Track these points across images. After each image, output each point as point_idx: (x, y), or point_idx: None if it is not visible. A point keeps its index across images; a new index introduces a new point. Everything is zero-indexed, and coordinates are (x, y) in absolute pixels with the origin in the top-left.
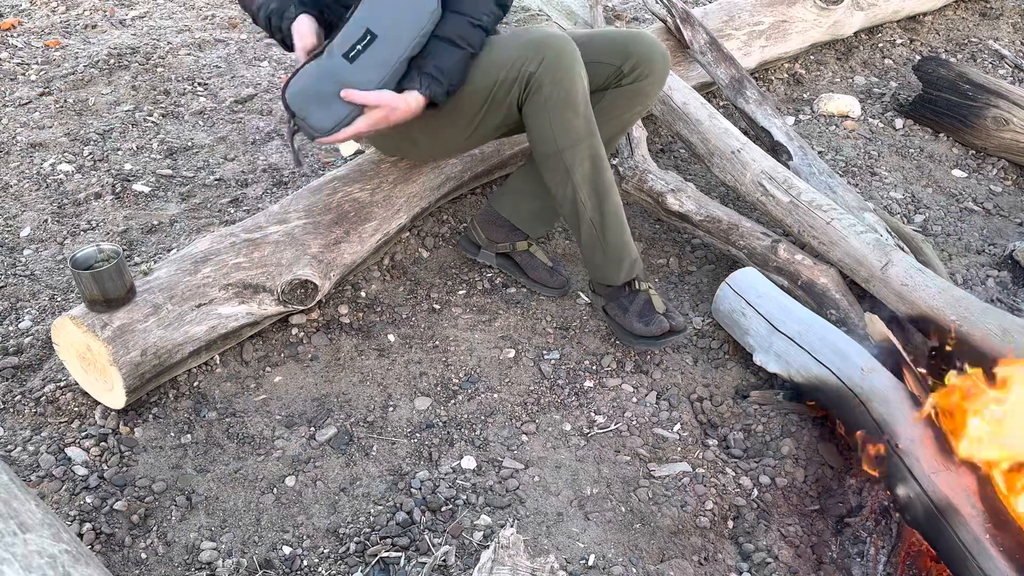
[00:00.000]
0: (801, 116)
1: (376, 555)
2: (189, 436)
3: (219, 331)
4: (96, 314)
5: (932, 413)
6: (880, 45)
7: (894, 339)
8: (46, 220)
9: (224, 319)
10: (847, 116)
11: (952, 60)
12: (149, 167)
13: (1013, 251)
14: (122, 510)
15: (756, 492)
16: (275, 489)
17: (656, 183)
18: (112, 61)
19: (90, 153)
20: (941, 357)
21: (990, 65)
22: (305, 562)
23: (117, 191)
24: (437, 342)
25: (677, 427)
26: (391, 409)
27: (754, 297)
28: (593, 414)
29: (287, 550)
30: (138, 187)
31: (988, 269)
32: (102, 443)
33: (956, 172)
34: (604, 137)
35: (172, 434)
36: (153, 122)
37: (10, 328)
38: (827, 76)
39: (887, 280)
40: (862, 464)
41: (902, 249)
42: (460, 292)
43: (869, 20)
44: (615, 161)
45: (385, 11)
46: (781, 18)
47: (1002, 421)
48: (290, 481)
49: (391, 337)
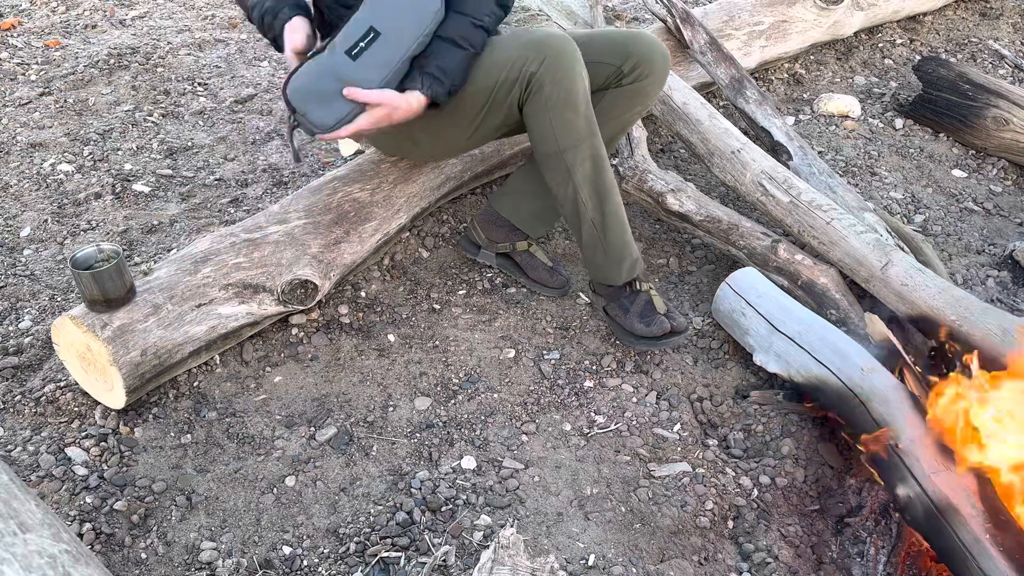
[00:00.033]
0: (801, 116)
1: (376, 555)
2: (189, 436)
3: (219, 331)
4: (96, 314)
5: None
6: (880, 45)
7: (894, 339)
8: (46, 220)
9: (224, 319)
10: (847, 116)
11: (952, 60)
12: (149, 167)
13: (1013, 251)
14: (122, 510)
15: (756, 492)
16: (275, 489)
17: (656, 183)
18: (112, 61)
19: (90, 153)
20: (941, 357)
21: (990, 65)
22: (305, 562)
23: (117, 191)
24: (437, 342)
25: (677, 427)
26: (391, 409)
27: (754, 297)
28: (593, 414)
29: (287, 550)
30: (138, 187)
31: (988, 269)
32: (102, 443)
33: (956, 172)
34: (604, 137)
35: (172, 434)
36: (153, 122)
37: (10, 328)
38: (827, 76)
39: (887, 280)
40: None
41: (902, 249)
42: (460, 292)
43: (869, 20)
44: (615, 161)
45: (389, 10)
46: (781, 18)
47: (1002, 421)
48: (290, 481)
49: (391, 337)
